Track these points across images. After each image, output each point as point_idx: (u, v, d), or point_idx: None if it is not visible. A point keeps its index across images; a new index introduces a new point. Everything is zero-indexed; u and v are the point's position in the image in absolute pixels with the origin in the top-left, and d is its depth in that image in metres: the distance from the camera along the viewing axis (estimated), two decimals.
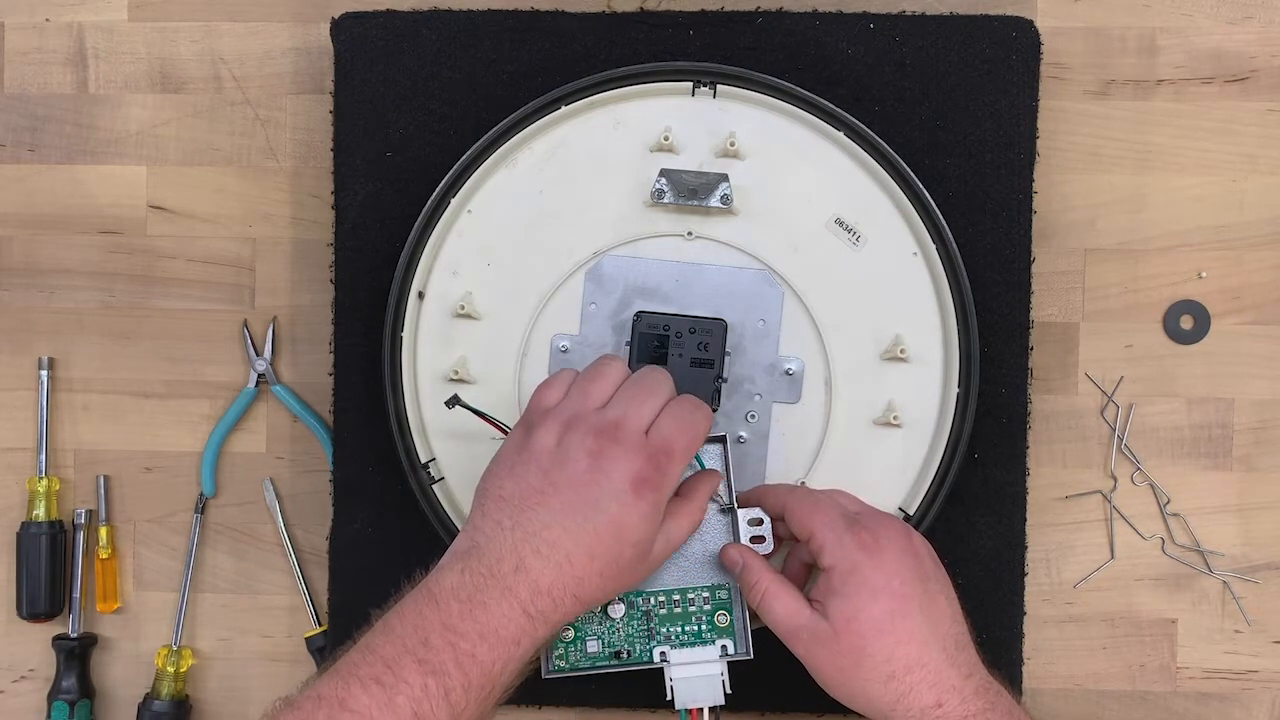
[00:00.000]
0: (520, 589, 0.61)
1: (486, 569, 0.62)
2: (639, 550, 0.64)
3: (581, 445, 0.63)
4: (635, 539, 0.63)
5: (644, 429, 0.64)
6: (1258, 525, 0.78)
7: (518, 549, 0.62)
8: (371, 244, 0.76)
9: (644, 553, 0.64)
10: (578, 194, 0.74)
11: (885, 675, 0.63)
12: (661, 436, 0.64)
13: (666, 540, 0.66)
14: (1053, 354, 0.78)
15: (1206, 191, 0.78)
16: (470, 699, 0.60)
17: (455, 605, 0.61)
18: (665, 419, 0.65)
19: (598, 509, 0.62)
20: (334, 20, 0.77)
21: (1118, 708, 0.78)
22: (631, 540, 0.63)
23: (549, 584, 0.62)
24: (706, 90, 0.74)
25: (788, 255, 0.74)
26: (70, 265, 0.81)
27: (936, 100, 0.75)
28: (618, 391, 0.66)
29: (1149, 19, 0.78)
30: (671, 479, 0.65)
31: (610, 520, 0.63)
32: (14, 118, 0.81)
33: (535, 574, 0.62)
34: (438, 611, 0.61)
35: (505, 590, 0.61)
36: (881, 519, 0.67)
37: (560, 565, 0.62)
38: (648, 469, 0.63)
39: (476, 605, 0.61)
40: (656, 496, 0.64)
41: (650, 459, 0.64)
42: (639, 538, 0.64)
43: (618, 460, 0.63)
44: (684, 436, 0.65)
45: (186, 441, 0.81)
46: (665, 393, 0.66)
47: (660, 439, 0.64)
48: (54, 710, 0.79)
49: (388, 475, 0.75)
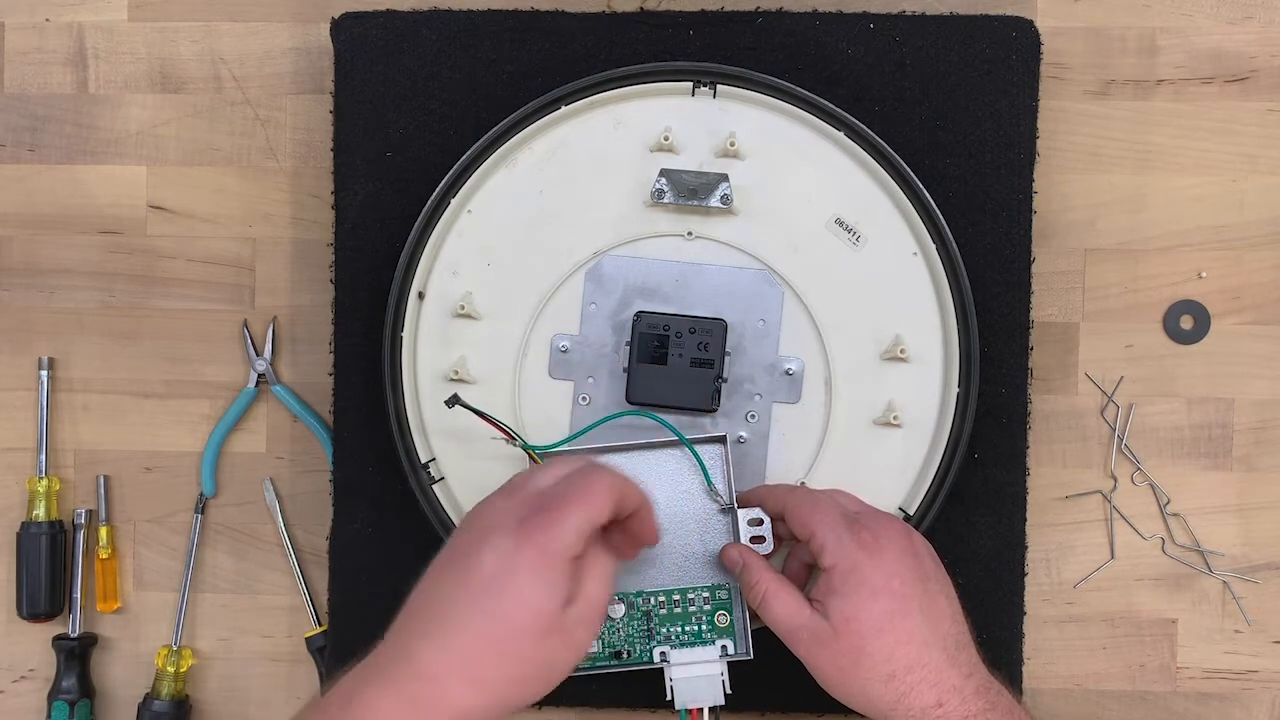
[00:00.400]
0: (399, 677, 0.56)
1: (375, 662, 0.57)
2: (535, 611, 0.57)
3: (478, 512, 0.60)
4: (526, 597, 0.57)
5: (539, 491, 0.60)
6: (1258, 525, 0.78)
7: (404, 634, 0.57)
8: (371, 244, 0.76)
9: (544, 617, 0.57)
10: (578, 194, 0.74)
11: (885, 675, 0.63)
12: (555, 490, 0.59)
13: (586, 602, 0.59)
14: (1053, 354, 0.78)
15: (1206, 191, 0.78)
16: None
17: (334, 706, 0.56)
18: (567, 480, 0.60)
19: (480, 570, 0.57)
20: (334, 20, 0.77)
21: (1118, 708, 0.78)
22: (522, 599, 0.56)
23: (430, 667, 0.56)
24: (706, 90, 0.74)
25: (788, 255, 0.74)
26: (70, 265, 0.81)
27: (936, 100, 0.75)
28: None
29: (1149, 19, 0.78)
30: (565, 529, 0.57)
31: (491, 578, 0.57)
32: (14, 118, 0.81)
33: (417, 657, 0.56)
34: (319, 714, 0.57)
35: (383, 680, 0.56)
36: (881, 519, 0.67)
37: (445, 643, 0.56)
38: (535, 516, 0.58)
39: (356, 701, 0.56)
40: (544, 543, 0.57)
41: (539, 507, 0.58)
42: (530, 595, 0.57)
43: (500, 515, 0.58)
44: (578, 487, 0.59)
45: (186, 441, 0.81)
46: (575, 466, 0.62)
47: (552, 492, 0.59)
48: (54, 710, 0.79)
49: (388, 475, 0.75)
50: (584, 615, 0.59)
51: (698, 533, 0.71)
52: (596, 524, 0.59)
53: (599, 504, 0.59)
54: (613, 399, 0.74)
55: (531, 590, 0.57)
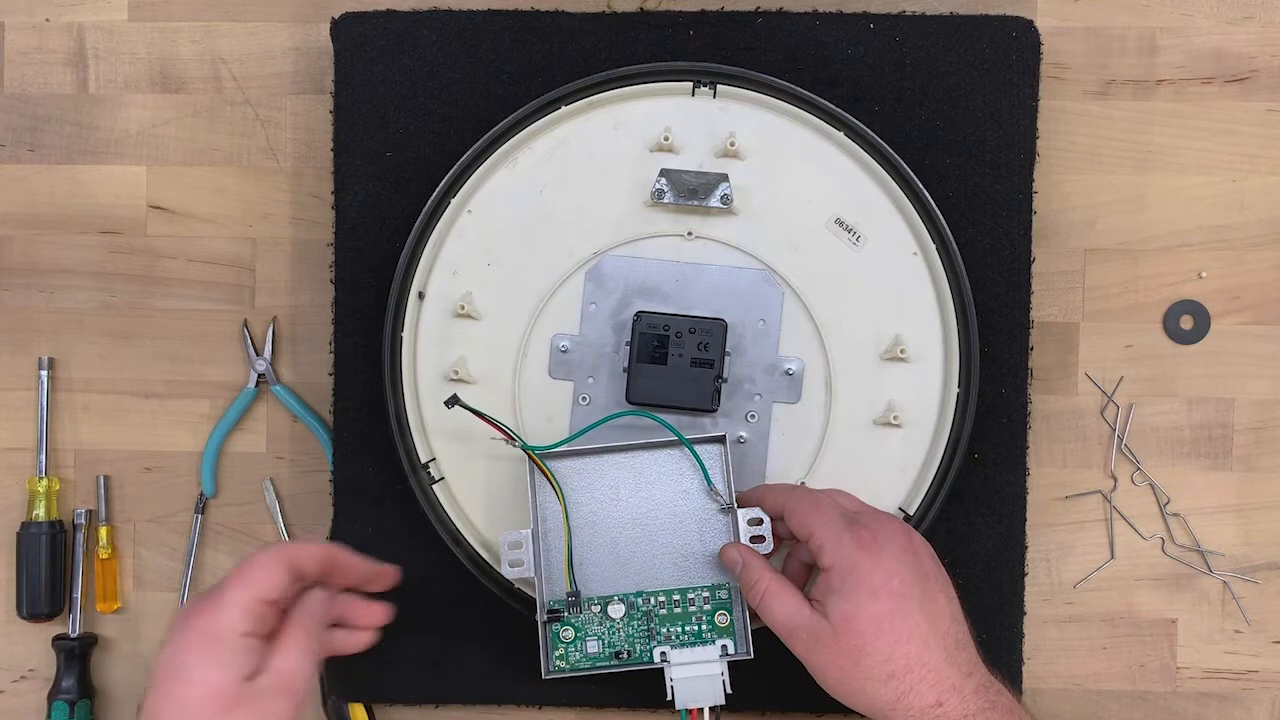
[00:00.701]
0: None
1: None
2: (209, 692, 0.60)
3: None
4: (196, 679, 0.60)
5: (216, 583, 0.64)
6: (1258, 525, 0.78)
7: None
8: (371, 244, 0.76)
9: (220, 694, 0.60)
10: (578, 194, 0.74)
11: (885, 674, 0.63)
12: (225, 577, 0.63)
13: (276, 674, 0.62)
14: (1053, 354, 0.78)
15: (1206, 191, 0.78)
16: None
17: None
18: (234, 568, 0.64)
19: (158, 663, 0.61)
20: (334, 20, 0.77)
21: (1118, 708, 0.78)
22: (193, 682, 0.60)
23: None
24: (706, 90, 0.74)
25: (788, 255, 0.74)
26: (70, 265, 0.81)
27: (936, 100, 0.75)
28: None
29: (1149, 19, 0.78)
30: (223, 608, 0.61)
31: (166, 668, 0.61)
32: (14, 118, 0.81)
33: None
34: None
35: None
36: (881, 518, 0.67)
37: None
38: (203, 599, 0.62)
39: None
40: (205, 622, 0.61)
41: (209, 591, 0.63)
42: (199, 677, 0.60)
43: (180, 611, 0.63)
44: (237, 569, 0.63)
45: (186, 441, 0.81)
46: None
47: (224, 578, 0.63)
48: (54, 710, 0.79)
49: (388, 475, 0.75)
50: (275, 685, 0.62)
51: (697, 533, 0.71)
52: (261, 598, 0.62)
53: (258, 578, 0.62)
54: (613, 399, 0.74)
55: (200, 670, 0.60)
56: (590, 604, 0.70)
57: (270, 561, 0.63)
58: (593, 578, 0.71)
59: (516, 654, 0.73)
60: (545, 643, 0.70)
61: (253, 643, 0.62)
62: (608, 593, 0.70)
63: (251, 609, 0.62)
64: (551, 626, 0.70)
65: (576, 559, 0.70)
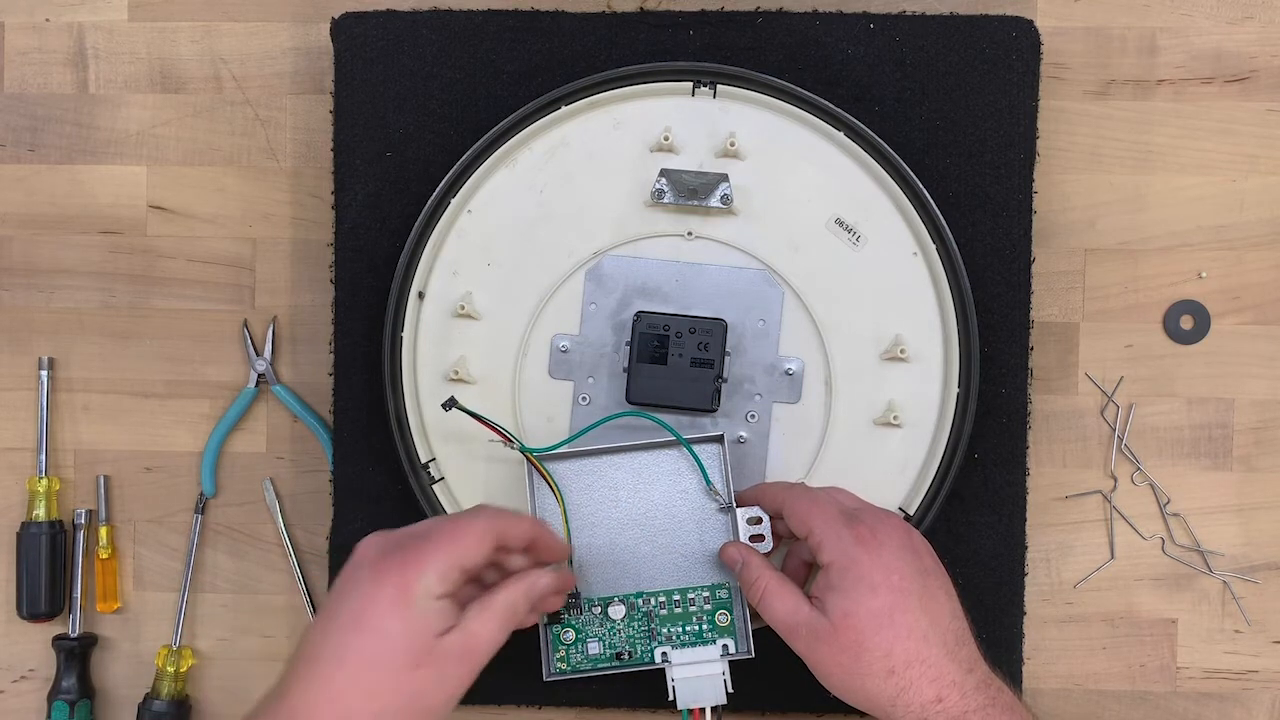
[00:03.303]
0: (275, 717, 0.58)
1: (259, 705, 0.59)
2: (394, 644, 0.58)
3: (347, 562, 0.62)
4: (385, 630, 0.58)
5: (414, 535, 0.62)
6: (1258, 525, 0.78)
7: (284, 679, 0.59)
8: (371, 244, 0.76)
9: (407, 651, 0.59)
10: (578, 194, 0.74)
11: (885, 670, 0.63)
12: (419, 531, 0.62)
13: (465, 635, 0.60)
14: (1053, 354, 0.78)
15: (1206, 191, 0.78)
16: None
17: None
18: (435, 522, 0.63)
19: (343, 608, 0.59)
20: (334, 20, 0.77)
21: (1118, 708, 0.78)
22: (381, 633, 0.58)
23: (301, 704, 0.57)
24: (706, 90, 0.74)
25: (788, 255, 0.74)
26: (70, 265, 0.81)
27: (936, 100, 0.75)
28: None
29: (1149, 19, 0.78)
30: (422, 568, 0.59)
31: (352, 615, 0.59)
32: (14, 118, 0.81)
33: (293, 697, 0.58)
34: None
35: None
36: (880, 515, 0.67)
37: (314, 679, 0.58)
38: (393, 554, 0.60)
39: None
40: (402, 580, 0.59)
41: (397, 546, 0.60)
42: (389, 628, 0.58)
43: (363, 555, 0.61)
44: (446, 529, 0.61)
45: (186, 441, 0.81)
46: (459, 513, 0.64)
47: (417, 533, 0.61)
48: (54, 710, 0.79)
49: (388, 475, 0.75)
50: (461, 647, 0.60)
51: (697, 532, 0.71)
52: (464, 565, 0.61)
53: (466, 546, 0.61)
54: (613, 399, 0.74)
55: (391, 625, 0.59)
56: (591, 605, 0.70)
57: (484, 533, 0.61)
58: (593, 579, 0.71)
59: (517, 654, 0.73)
60: (546, 645, 0.70)
61: (446, 604, 0.60)
62: (608, 594, 0.70)
63: (450, 575, 0.60)
64: (552, 628, 0.70)
65: (576, 560, 0.70)
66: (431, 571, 0.59)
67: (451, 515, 0.63)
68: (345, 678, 0.58)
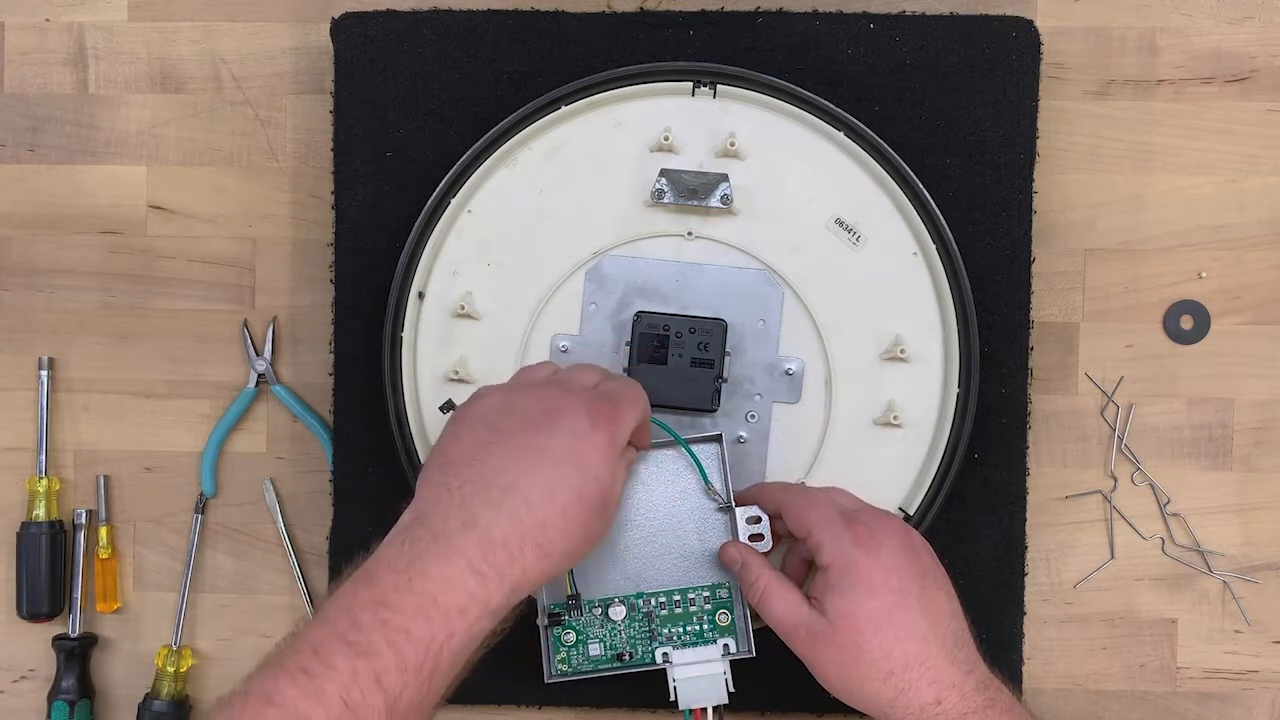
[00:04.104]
0: (468, 546, 0.57)
1: (430, 533, 0.57)
2: (602, 487, 0.61)
3: (526, 396, 0.62)
4: (597, 473, 0.60)
5: (590, 387, 0.64)
6: (1258, 525, 0.78)
7: (467, 503, 0.58)
8: (371, 244, 0.76)
9: (607, 492, 0.61)
10: (578, 194, 0.74)
11: (884, 672, 0.63)
12: (609, 389, 0.64)
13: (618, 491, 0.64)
14: (1053, 354, 0.78)
15: (1206, 191, 0.78)
16: (408, 680, 0.55)
17: (390, 578, 0.56)
18: (611, 381, 0.65)
19: (555, 444, 0.60)
20: (334, 20, 0.77)
21: (1118, 708, 0.78)
22: (594, 474, 0.60)
23: (504, 534, 0.57)
24: (706, 90, 0.74)
25: (788, 255, 0.74)
26: (70, 265, 0.81)
27: (936, 100, 0.75)
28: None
29: (1149, 19, 0.78)
30: (624, 422, 0.63)
31: (568, 452, 0.60)
32: (14, 118, 0.81)
33: (486, 525, 0.57)
34: (371, 588, 0.56)
35: (450, 551, 0.56)
36: (879, 516, 0.67)
37: (517, 510, 0.58)
38: (602, 404, 0.62)
39: (415, 574, 0.56)
40: (612, 430, 0.62)
41: (602, 397, 0.63)
42: (600, 472, 0.61)
43: (568, 400, 0.61)
44: (630, 392, 0.64)
45: (186, 441, 0.81)
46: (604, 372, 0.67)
47: (607, 389, 0.64)
48: (54, 710, 0.79)
49: (388, 475, 0.75)
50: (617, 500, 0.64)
51: (696, 532, 0.70)
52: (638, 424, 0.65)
53: (642, 407, 0.65)
54: None
55: (600, 468, 0.61)
56: (591, 606, 0.70)
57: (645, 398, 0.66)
58: (593, 580, 0.70)
59: (517, 654, 0.73)
60: (547, 647, 0.70)
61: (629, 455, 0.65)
62: (608, 595, 0.70)
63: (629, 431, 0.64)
64: (553, 630, 0.70)
65: None
66: (627, 428, 0.63)
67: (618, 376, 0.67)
68: (553, 513, 0.59)
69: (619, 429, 0.62)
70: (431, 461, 0.62)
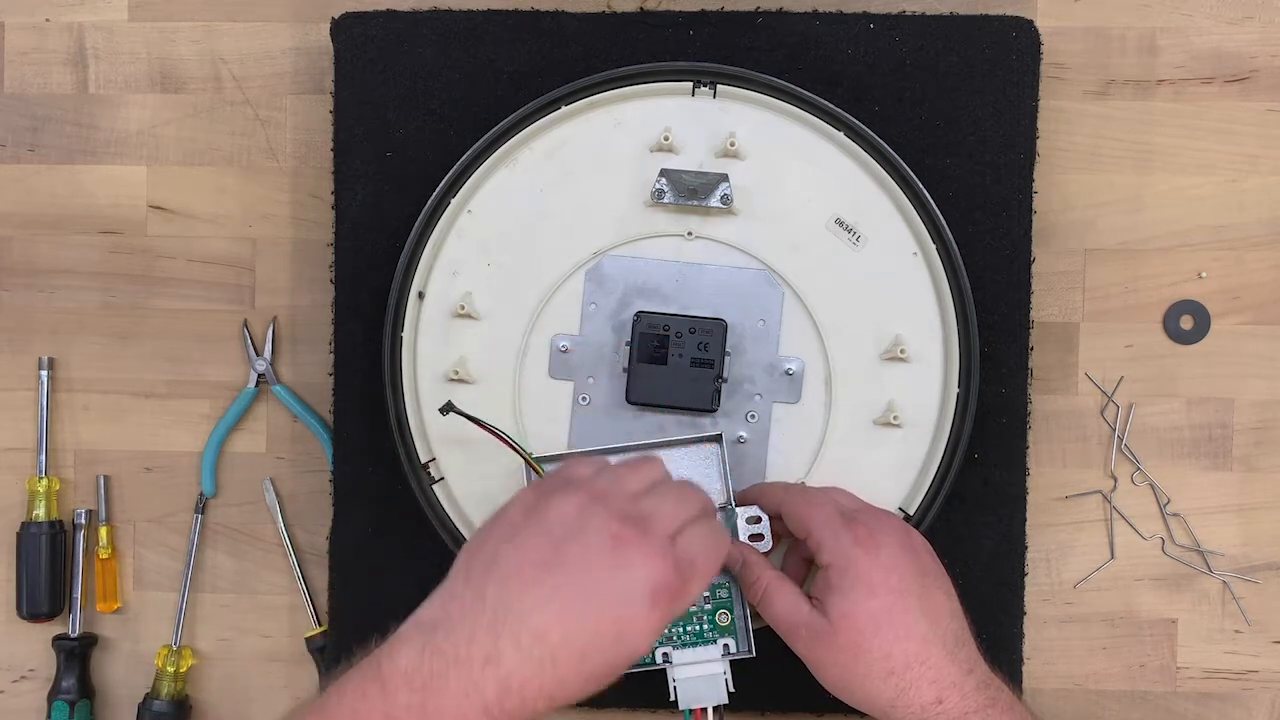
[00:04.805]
0: (487, 684, 0.53)
1: (451, 651, 0.54)
2: (634, 657, 0.57)
3: (605, 525, 0.56)
4: (634, 650, 0.56)
5: (672, 534, 0.58)
6: (1258, 525, 0.78)
7: (495, 632, 0.54)
8: (371, 244, 0.76)
9: (637, 657, 0.57)
10: (578, 194, 0.74)
11: (885, 671, 0.63)
12: (690, 549, 0.58)
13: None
14: (1053, 354, 0.78)
15: (1206, 191, 0.78)
16: None
17: (404, 694, 0.53)
18: (696, 532, 0.59)
19: (606, 603, 0.55)
20: (334, 20, 0.77)
21: (1118, 708, 0.78)
22: (631, 650, 0.56)
23: (522, 683, 0.54)
24: (706, 90, 0.74)
25: (788, 255, 0.74)
26: (70, 265, 0.81)
27: (936, 100, 0.75)
28: (654, 488, 0.60)
29: (1149, 19, 0.78)
30: (689, 599, 0.58)
31: (616, 621, 0.56)
32: (14, 118, 0.81)
33: (509, 669, 0.54)
34: (383, 698, 0.53)
35: (468, 684, 0.53)
36: (879, 515, 0.67)
37: (542, 663, 0.54)
38: (673, 578, 0.57)
39: (430, 695, 0.53)
40: (670, 610, 0.57)
41: (676, 570, 0.57)
42: (638, 649, 0.56)
43: (643, 556, 0.56)
44: (710, 557, 0.60)
45: (186, 441, 0.81)
46: (700, 507, 0.61)
47: (688, 552, 0.58)
48: (54, 710, 0.79)
49: (388, 475, 0.75)
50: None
51: None
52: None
53: (716, 569, 0.61)
54: (613, 399, 0.74)
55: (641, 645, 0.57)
56: None
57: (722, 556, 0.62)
58: None
59: None
60: None
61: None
62: None
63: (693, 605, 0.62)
64: None
65: None
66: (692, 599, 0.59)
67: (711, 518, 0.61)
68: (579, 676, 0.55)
69: (681, 605, 0.58)
70: (478, 549, 0.58)
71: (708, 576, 0.60)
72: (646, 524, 0.57)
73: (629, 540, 0.56)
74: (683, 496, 0.61)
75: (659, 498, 0.60)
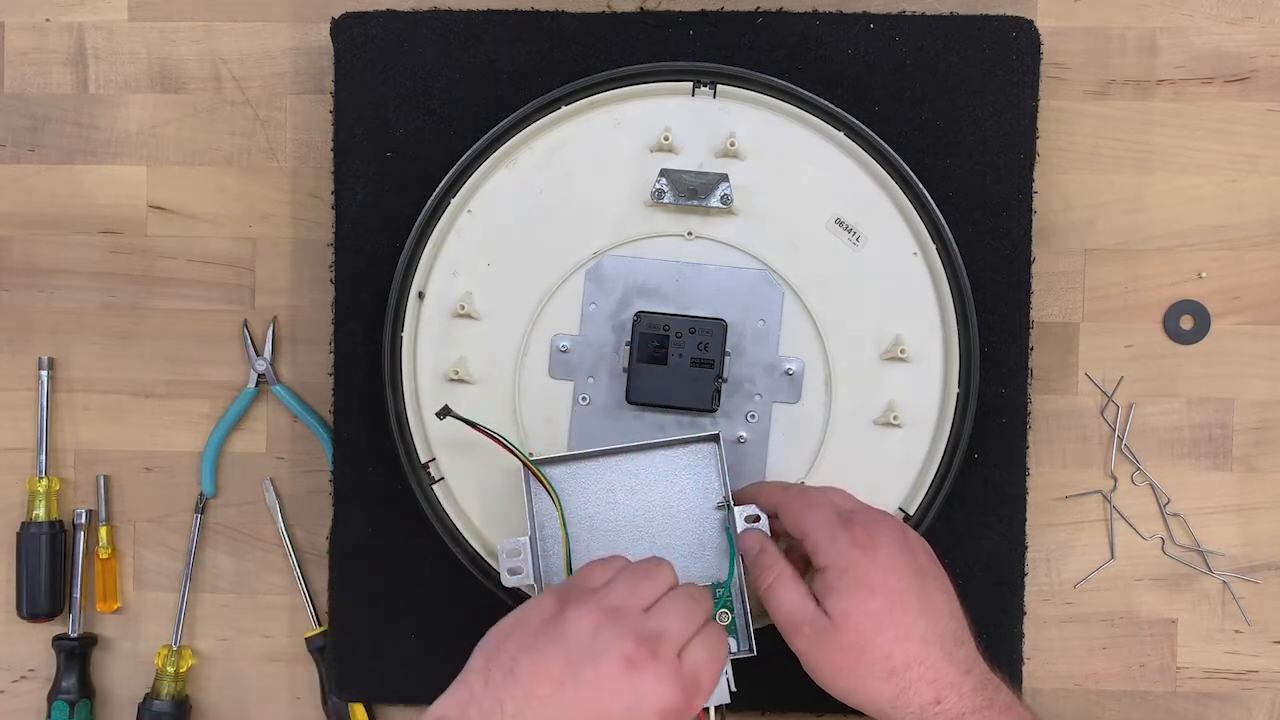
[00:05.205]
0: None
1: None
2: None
3: (620, 647, 0.59)
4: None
5: (679, 648, 0.61)
6: (1258, 525, 0.78)
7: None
8: (371, 244, 0.76)
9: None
10: (578, 194, 0.74)
11: (886, 672, 0.63)
12: (696, 665, 0.61)
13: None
14: (1053, 354, 0.78)
15: (1206, 191, 0.78)
16: None
17: None
18: (700, 645, 0.62)
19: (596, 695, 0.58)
20: (334, 20, 0.77)
21: (1118, 708, 0.78)
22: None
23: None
24: (706, 90, 0.74)
25: (788, 255, 0.74)
26: (70, 265, 0.81)
27: (936, 100, 0.75)
28: (664, 598, 0.63)
29: (1149, 19, 0.78)
30: (693, 714, 0.61)
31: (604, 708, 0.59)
32: (14, 118, 0.81)
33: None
34: None
35: None
36: (876, 516, 0.67)
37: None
38: (680, 700, 0.59)
39: None
40: (672, 712, 0.59)
41: (684, 690, 0.60)
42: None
43: (653, 681, 0.59)
44: (713, 668, 0.62)
45: (186, 441, 0.81)
46: (704, 615, 0.63)
47: (694, 668, 0.61)
48: (54, 710, 0.79)
49: (388, 475, 0.75)
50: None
51: (695, 532, 0.70)
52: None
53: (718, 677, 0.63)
54: (613, 399, 0.74)
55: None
56: None
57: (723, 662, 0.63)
58: None
59: None
60: None
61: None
62: None
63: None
64: None
65: (575, 563, 0.70)
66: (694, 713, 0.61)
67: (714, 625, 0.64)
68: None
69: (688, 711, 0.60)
70: (498, 652, 0.60)
71: (711, 689, 0.62)
72: (657, 644, 0.60)
73: (641, 664, 0.59)
74: (689, 609, 0.63)
75: (666, 613, 0.62)
